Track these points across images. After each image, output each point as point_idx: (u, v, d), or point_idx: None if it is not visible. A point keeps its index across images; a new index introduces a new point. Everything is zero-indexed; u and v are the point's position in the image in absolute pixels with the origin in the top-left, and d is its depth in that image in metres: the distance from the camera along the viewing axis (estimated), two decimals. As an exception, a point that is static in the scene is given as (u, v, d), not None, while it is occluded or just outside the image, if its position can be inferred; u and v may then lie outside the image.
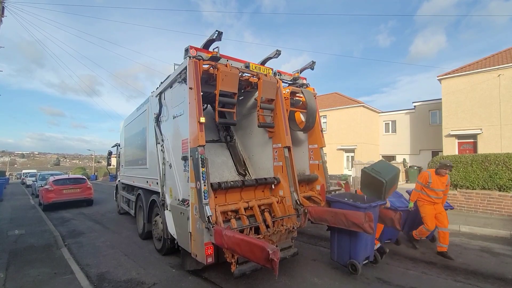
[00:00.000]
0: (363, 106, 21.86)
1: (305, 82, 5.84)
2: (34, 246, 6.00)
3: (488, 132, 14.41)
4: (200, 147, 3.73)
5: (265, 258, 2.50)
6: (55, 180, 12.25)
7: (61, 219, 9.59)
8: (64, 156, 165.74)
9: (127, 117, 8.82)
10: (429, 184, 4.99)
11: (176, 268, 4.69)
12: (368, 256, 4.32)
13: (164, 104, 5.13)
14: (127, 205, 8.67)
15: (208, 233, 3.45)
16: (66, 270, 4.62)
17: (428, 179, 5.03)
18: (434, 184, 4.97)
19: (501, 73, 14.06)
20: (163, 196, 4.98)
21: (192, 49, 4.02)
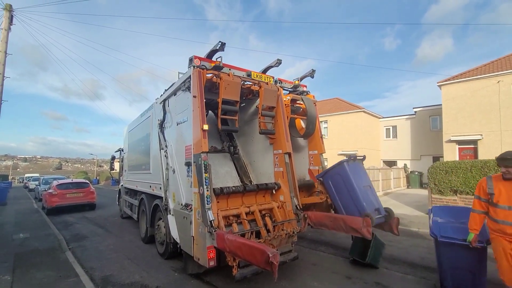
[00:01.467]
0: (363, 111, 21.98)
1: (305, 90, 5.98)
2: (39, 250, 6.11)
3: (488, 138, 14.47)
4: (203, 153, 3.85)
5: (265, 261, 2.59)
6: (59, 184, 12.38)
7: (65, 223, 9.70)
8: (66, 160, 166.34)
9: (130, 123, 8.99)
10: (492, 197, 2.97)
11: (178, 271, 4.78)
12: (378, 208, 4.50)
13: (168, 111, 5.28)
14: (129, 209, 8.78)
15: (210, 237, 3.55)
16: (71, 273, 4.72)
17: (487, 189, 3.03)
18: (499, 197, 2.93)
19: (501, 80, 14.18)
20: (166, 200, 5.10)
21: (196, 59, 4.18)
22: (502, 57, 15.74)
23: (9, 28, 8.97)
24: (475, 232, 3.14)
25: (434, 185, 9.10)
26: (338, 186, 4.76)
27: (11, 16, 9.03)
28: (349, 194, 4.55)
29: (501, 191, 2.92)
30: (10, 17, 8.99)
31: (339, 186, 4.74)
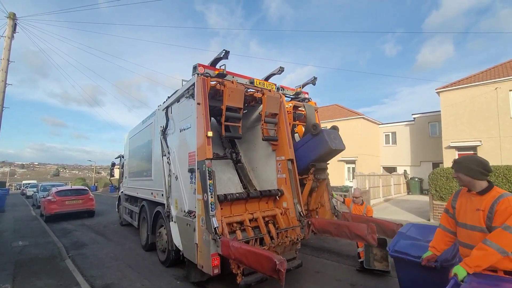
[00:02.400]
0: (363, 117, 22.11)
1: (307, 97, 6.04)
2: (38, 257, 6.03)
3: (487, 144, 14.55)
4: (207, 160, 3.86)
5: (272, 269, 2.58)
6: (58, 191, 12.30)
7: (64, 230, 9.60)
8: (64, 167, 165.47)
9: (132, 129, 9.00)
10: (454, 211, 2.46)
11: (180, 279, 4.73)
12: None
13: (171, 118, 5.30)
14: (130, 216, 8.71)
15: (214, 244, 3.53)
16: (71, 282, 4.66)
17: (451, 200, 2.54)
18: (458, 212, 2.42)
19: (498, 86, 14.34)
20: (168, 207, 5.07)
21: (200, 67, 4.23)
22: (499, 64, 15.96)
23: (12, 36, 9.04)
24: (431, 250, 2.56)
25: (435, 191, 9.11)
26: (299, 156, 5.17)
27: (14, 24, 9.12)
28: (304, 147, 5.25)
29: (461, 204, 2.38)
30: (14, 25, 9.08)
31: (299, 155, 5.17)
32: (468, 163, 2.26)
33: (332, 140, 4.90)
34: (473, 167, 2.21)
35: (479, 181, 2.21)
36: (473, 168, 2.22)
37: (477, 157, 2.30)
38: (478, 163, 2.23)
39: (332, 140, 4.90)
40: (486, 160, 2.27)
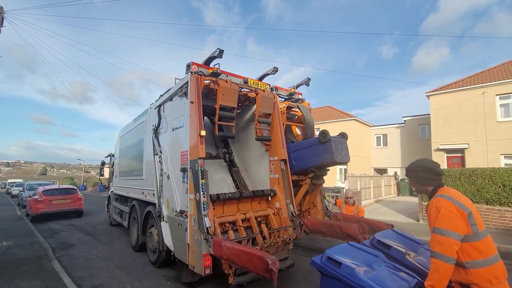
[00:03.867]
0: (355, 119, 22.40)
1: (300, 97, 6.06)
2: (23, 259, 5.85)
3: (474, 147, 14.94)
4: (200, 159, 3.82)
5: (265, 269, 2.57)
6: (45, 190, 11.98)
7: (50, 230, 9.35)
8: (52, 166, 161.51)
9: (122, 128, 8.85)
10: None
11: (171, 280, 4.66)
12: None
13: (163, 117, 5.23)
14: (119, 216, 8.55)
15: (206, 244, 3.49)
16: (58, 283, 4.53)
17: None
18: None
19: (485, 91, 14.75)
20: (159, 207, 5.00)
21: (194, 65, 4.19)
22: (487, 70, 16.42)
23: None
24: None
25: (425, 192, 9.28)
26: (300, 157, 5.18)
27: (1, 18, 8.85)
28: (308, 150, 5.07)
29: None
30: (1, 19, 8.81)
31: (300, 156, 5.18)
32: (415, 171, 2.19)
33: (339, 151, 4.74)
34: (421, 174, 2.14)
35: (430, 186, 2.13)
36: (420, 175, 2.15)
37: (424, 163, 2.18)
38: (424, 169, 2.13)
39: (339, 151, 4.74)
40: (433, 164, 2.16)
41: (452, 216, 1.85)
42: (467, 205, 1.90)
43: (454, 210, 1.87)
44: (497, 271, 1.83)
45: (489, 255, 1.85)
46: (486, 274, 1.82)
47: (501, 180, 7.82)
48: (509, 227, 7.64)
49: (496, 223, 7.86)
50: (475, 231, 1.84)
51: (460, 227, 1.83)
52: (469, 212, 1.86)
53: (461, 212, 1.86)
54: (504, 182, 7.75)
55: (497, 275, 1.82)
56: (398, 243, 2.78)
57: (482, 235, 1.86)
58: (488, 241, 1.89)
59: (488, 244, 1.87)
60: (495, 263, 1.85)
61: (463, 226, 1.84)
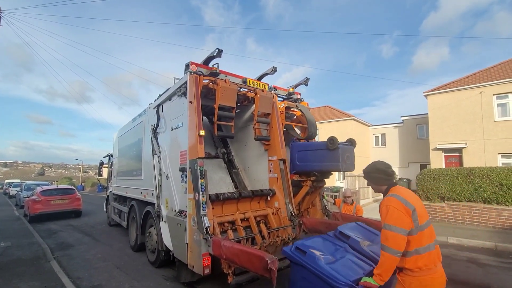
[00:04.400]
0: (353, 119, 22.44)
1: (299, 97, 6.07)
2: (22, 259, 5.82)
3: (472, 146, 15.01)
4: (199, 159, 3.82)
5: (264, 268, 2.57)
6: (43, 190, 11.93)
7: (49, 231, 9.32)
8: (50, 166, 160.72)
9: (121, 128, 8.83)
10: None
11: (170, 280, 4.66)
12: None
13: (162, 116, 5.23)
14: (118, 216, 8.54)
15: (205, 244, 3.49)
16: (57, 284, 4.52)
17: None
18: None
19: (483, 91, 14.83)
20: (158, 207, 4.99)
21: (193, 65, 4.19)
22: (484, 69, 16.50)
23: (-4, 29, 8.73)
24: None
25: (423, 191, 9.33)
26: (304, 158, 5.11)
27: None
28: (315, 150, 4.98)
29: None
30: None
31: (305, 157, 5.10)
32: (370, 173, 2.39)
33: (345, 160, 4.63)
34: (375, 175, 2.35)
35: (383, 186, 2.32)
36: (374, 176, 2.35)
37: (377, 165, 2.38)
38: (377, 170, 2.34)
39: (345, 160, 4.63)
40: (384, 165, 2.35)
41: (399, 214, 2.05)
42: (412, 203, 2.09)
43: (401, 208, 2.06)
44: (426, 259, 2.03)
45: (421, 246, 2.05)
46: (416, 261, 2.04)
47: (498, 179, 7.87)
48: (506, 225, 7.69)
49: (493, 222, 7.92)
50: (416, 226, 2.06)
51: (406, 224, 2.03)
52: (413, 209, 2.06)
53: (407, 210, 2.06)
54: (501, 181, 7.80)
55: (426, 263, 2.03)
56: (357, 234, 3.06)
57: (420, 228, 2.07)
58: (424, 233, 2.08)
59: (423, 236, 2.07)
60: (426, 252, 2.05)
61: (409, 222, 2.04)
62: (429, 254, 2.05)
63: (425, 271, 2.03)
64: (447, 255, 5.96)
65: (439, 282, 2.06)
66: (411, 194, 2.21)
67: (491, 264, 5.39)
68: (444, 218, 8.84)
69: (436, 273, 2.05)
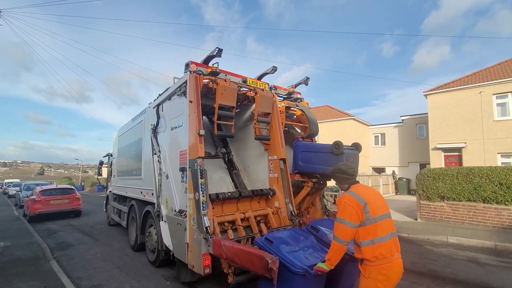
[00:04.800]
0: (353, 119, 22.45)
1: (299, 97, 6.06)
2: (21, 259, 5.81)
3: (472, 145, 15.03)
4: (199, 158, 3.82)
5: (264, 268, 2.57)
6: (42, 190, 11.92)
7: (48, 230, 9.31)
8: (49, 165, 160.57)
9: (121, 127, 8.82)
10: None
11: (170, 280, 4.66)
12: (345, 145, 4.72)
13: (162, 116, 5.22)
14: (118, 216, 8.53)
15: (206, 243, 3.49)
16: (57, 284, 4.51)
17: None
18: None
19: (482, 90, 14.84)
20: (158, 207, 4.99)
21: (193, 64, 4.17)
22: (484, 69, 16.51)
23: (-5, 29, 8.70)
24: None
25: (422, 191, 9.33)
26: (308, 159, 5.06)
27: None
28: (319, 152, 4.89)
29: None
30: (-3, 17, 8.74)
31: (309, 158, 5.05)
32: (334, 173, 2.67)
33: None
34: (338, 175, 2.63)
35: (345, 184, 2.60)
36: (337, 175, 2.63)
37: (341, 166, 2.65)
38: (340, 170, 2.62)
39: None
40: (346, 166, 2.63)
41: (350, 208, 2.28)
42: (365, 198, 2.31)
43: (353, 203, 2.30)
44: (382, 249, 2.23)
45: (376, 236, 2.25)
46: (372, 251, 2.24)
47: (498, 178, 7.87)
48: (506, 225, 7.70)
49: (493, 222, 7.92)
50: (367, 218, 2.27)
51: (355, 217, 2.27)
52: (364, 203, 2.28)
53: (358, 204, 2.28)
54: (501, 180, 7.80)
55: (382, 252, 2.22)
56: (328, 228, 3.34)
57: (373, 220, 2.27)
58: (379, 225, 2.28)
59: (377, 227, 2.27)
60: (381, 242, 2.24)
61: (357, 216, 2.27)
62: (385, 244, 2.24)
63: (381, 260, 2.22)
64: (446, 254, 5.97)
65: (395, 271, 2.25)
66: (367, 190, 2.44)
67: (490, 263, 5.39)
68: (443, 218, 8.84)
69: (393, 262, 2.24)
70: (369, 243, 2.26)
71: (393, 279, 2.25)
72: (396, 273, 2.26)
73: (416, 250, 6.21)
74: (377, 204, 2.34)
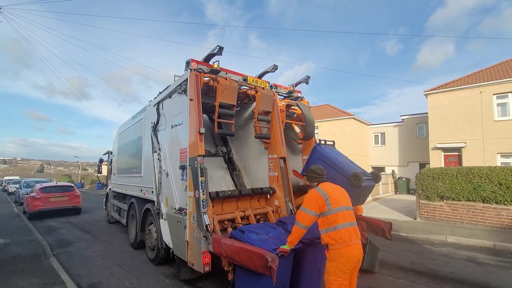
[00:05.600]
0: (353, 118, 22.44)
1: (299, 95, 6.05)
2: (21, 256, 5.83)
3: (471, 145, 15.03)
4: (199, 156, 3.81)
5: (264, 266, 2.57)
6: (42, 187, 11.94)
7: (48, 228, 9.32)
8: (49, 163, 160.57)
9: (121, 125, 8.81)
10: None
11: (170, 277, 4.67)
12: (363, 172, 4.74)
13: (162, 114, 5.21)
14: (118, 214, 8.54)
15: (206, 241, 3.49)
16: (56, 281, 4.52)
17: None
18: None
19: (483, 90, 14.83)
20: (158, 205, 4.99)
21: (193, 62, 4.17)
22: (484, 69, 16.49)
23: (-5, 25, 8.67)
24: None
25: (422, 190, 9.34)
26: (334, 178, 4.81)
27: (-3, 13, 8.74)
28: (333, 169, 4.67)
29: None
30: (-3, 14, 8.70)
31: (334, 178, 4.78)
32: (307, 173, 3.11)
33: (360, 197, 4.55)
34: (309, 175, 3.07)
35: (315, 182, 3.02)
36: (309, 175, 3.08)
37: (312, 167, 3.09)
38: (311, 171, 3.06)
39: (360, 197, 4.55)
40: (317, 167, 3.07)
41: (313, 200, 2.76)
42: (327, 193, 2.77)
43: (317, 196, 2.77)
44: (342, 234, 2.65)
45: (337, 224, 2.68)
46: (333, 236, 2.67)
47: (498, 178, 7.88)
48: (505, 225, 7.72)
49: (492, 221, 7.94)
50: (329, 209, 2.72)
51: (316, 208, 2.73)
52: (326, 197, 2.73)
53: (320, 198, 2.74)
54: (501, 180, 7.81)
55: (342, 237, 2.64)
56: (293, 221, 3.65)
57: (334, 211, 2.71)
58: (339, 215, 2.70)
59: (338, 217, 2.70)
60: (341, 229, 2.66)
61: (318, 207, 2.73)
62: (344, 230, 2.66)
63: (341, 243, 2.64)
64: (445, 254, 5.99)
65: (355, 254, 2.65)
66: (331, 187, 2.90)
67: (489, 263, 5.41)
68: (443, 217, 8.86)
69: (351, 246, 2.65)
70: (331, 229, 2.69)
71: (353, 260, 2.64)
72: (355, 256, 2.65)
73: (415, 250, 6.22)
74: (338, 198, 2.79)
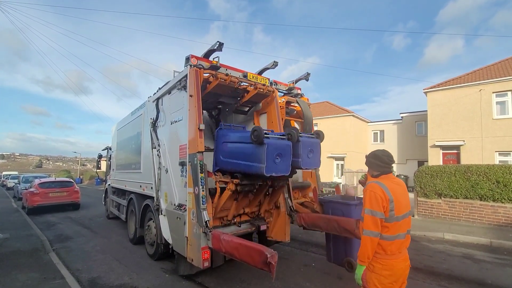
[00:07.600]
0: (353, 115, 22.45)
1: (299, 92, 6.03)
2: (20, 251, 5.84)
3: (470, 143, 15.09)
4: (199, 153, 3.81)
5: (263, 262, 2.59)
6: (41, 183, 11.92)
7: (47, 223, 9.34)
8: (47, 158, 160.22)
9: (120, 121, 8.78)
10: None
11: (169, 273, 4.70)
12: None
13: (162, 110, 5.19)
14: (117, 209, 8.55)
15: (205, 237, 3.51)
16: (56, 275, 4.54)
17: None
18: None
19: (482, 88, 14.84)
20: (157, 200, 5.00)
21: (193, 58, 4.14)
22: (484, 67, 16.48)
23: (-8, 19, 8.58)
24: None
25: (420, 188, 9.39)
26: (336, 213, 4.32)
27: (-5, 6, 8.64)
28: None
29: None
30: (-6, 7, 8.61)
31: (337, 214, 4.30)
32: (368, 157, 2.47)
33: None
34: (370, 160, 2.42)
35: (375, 172, 2.37)
36: (370, 161, 2.42)
37: (376, 151, 2.42)
38: (374, 156, 2.40)
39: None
40: (383, 152, 2.36)
41: (378, 198, 2.11)
42: (393, 194, 2.15)
43: (381, 194, 2.12)
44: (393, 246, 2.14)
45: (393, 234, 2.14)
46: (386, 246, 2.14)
47: (495, 176, 7.92)
48: (502, 222, 7.78)
49: (489, 219, 8.00)
50: (391, 216, 2.13)
51: (381, 207, 2.10)
52: (391, 200, 2.13)
53: (385, 197, 2.12)
54: (498, 178, 7.86)
55: (391, 249, 2.14)
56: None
57: (395, 219, 2.14)
58: (400, 224, 2.16)
59: (398, 226, 2.15)
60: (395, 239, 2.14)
61: (382, 207, 2.11)
62: (397, 242, 2.16)
63: (389, 254, 2.15)
64: (442, 250, 6.04)
65: (399, 267, 2.19)
66: (396, 186, 2.24)
67: (486, 260, 5.46)
68: (440, 215, 8.92)
69: (398, 259, 2.18)
70: (388, 238, 2.15)
71: (398, 273, 2.19)
72: (400, 269, 2.20)
73: (412, 246, 6.27)
74: (402, 203, 2.19)
